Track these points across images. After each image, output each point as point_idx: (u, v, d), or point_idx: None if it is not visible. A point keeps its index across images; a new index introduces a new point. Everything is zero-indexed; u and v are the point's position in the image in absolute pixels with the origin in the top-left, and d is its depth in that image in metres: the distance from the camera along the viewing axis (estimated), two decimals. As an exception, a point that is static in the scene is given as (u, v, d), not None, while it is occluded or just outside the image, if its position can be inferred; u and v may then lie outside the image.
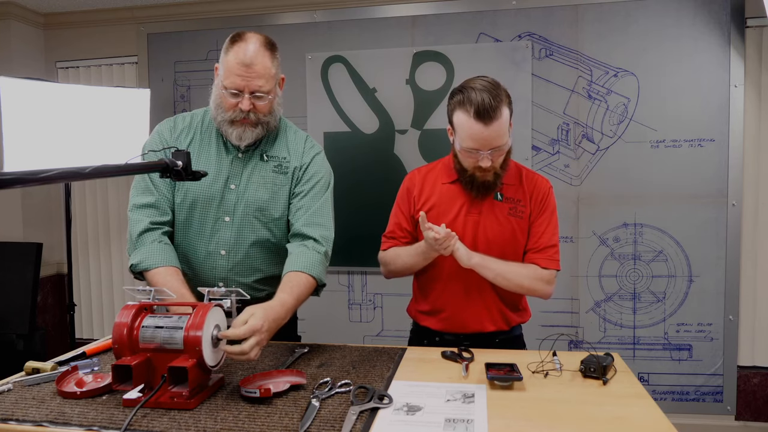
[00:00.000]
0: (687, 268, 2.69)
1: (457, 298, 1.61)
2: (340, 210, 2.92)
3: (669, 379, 2.73)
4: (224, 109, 1.51)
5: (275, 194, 1.59)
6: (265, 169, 1.59)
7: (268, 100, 1.51)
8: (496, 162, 1.51)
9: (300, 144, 1.64)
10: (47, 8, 3.12)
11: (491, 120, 1.43)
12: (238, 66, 1.46)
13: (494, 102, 1.42)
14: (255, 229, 1.59)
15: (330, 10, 2.90)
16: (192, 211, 1.57)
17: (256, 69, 1.46)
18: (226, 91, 1.49)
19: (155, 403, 1.12)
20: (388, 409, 1.12)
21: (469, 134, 1.46)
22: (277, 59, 1.53)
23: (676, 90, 2.64)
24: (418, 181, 1.68)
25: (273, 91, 1.52)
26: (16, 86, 2.44)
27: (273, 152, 1.61)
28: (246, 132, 1.52)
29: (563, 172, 2.75)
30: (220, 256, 1.59)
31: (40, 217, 3.20)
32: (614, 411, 1.12)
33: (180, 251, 1.60)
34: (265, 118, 1.53)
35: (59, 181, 0.99)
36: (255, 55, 1.46)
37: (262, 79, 1.47)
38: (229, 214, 1.57)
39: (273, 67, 1.50)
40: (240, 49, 1.46)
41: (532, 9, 2.72)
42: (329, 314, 2.98)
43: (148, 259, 1.48)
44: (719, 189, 2.64)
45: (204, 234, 1.58)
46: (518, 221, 1.59)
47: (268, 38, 1.52)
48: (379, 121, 2.88)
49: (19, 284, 2.82)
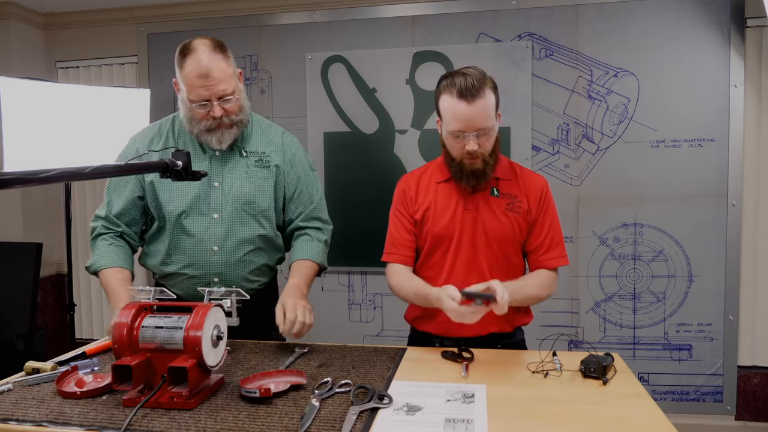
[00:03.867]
0: (687, 268, 2.69)
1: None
2: (340, 210, 2.93)
3: (669, 379, 2.73)
4: (197, 121, 1.55)
5: (260, 187, 1.64)
6: (247, 164, 1.64)
7: (235, 100, 1.54)
8: (484, 147, 1.50)
9: (277, 139, 1.70)
10: (47, 8, 3.12)
11: (474, 98, 1.43)
12: (198, 78, 1.48)
13: (477, 83, 1.44)
14: (245, 222, 1.63)
15: (330, 10, 2.90)
16: (182, 213, 1.61)
17: (215, 76, 1.48)
18: (193, 104, 1.52)
19: (155, 403, 1.12)
20: (388, 409, 1.12)
21: (454, 114, 1.47)
22: (230, 56, 1.55)
23: (676, 90, 2.64)
24: (412, 183, 1.67)
25: (236, 89, 1.55)
26: (16, 86, 2.44)
27: (251, 148, 1.66)
28: (224, 135, 1.57)
29: (563, 172, 2.75)
30: (213, 253, 1.62)
31: (40, 217, 3.20)
32: (614, 411, 1.12)
33: (173, 253, 1.64)
34: (237, 117, 1.57)
35: (59, 181, 0.99)
36: (210, 63, 1.48)
37: (224, 83, 1.50)
38: (218, 211, 1.61)
39: (229, 67, 1.53)
40: (193, 62, 1.48)
41: (532, 9, 2.72)
42: (329, 314, 2.98)
43: (98, 260, 1.59)
44: (719, 189, 2.64)
45: (195, 233, 1.61)
46: (516, 216, 1.58)
47: (215, 40, 1.54)
48: (379, 121, 2.88)
49: (19, 284, 2.82)
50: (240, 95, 1.57)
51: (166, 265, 1.65)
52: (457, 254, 1.58)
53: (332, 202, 2.92)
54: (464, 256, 1.58)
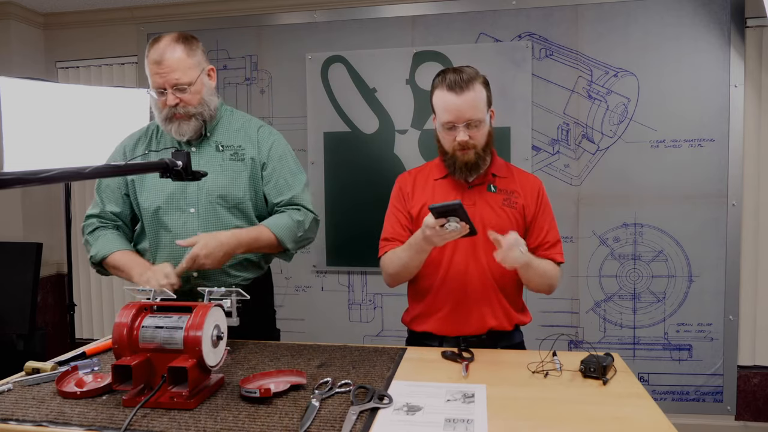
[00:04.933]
0: (687, 268, 2.69)
1: (455, 294, 1.59)
2: (340, 210, 2.94)
3: (669, 379, 2.73)
4: (159, 110, 1.58)
5: (233, 179, 1.64)
6: (222, 157, 1.65)
7: (191, 92, 1.55)
8: (475, 139, 1.53)
9: (253, 133, 1.69)
10: (47, 8, 3.12)
11: (462, 90, 1.49)
12: (152, 65, 1.53)
13: (466, 77, 1.51)
14: (220, 216, 1.63)
15: (330, 10, 2.90)
16: (159, 209, 1.62)
17: (168, 63, 1.51)
18: (153, 92, 1.56)
19: (155, 403, 1.12)
20: (388, 409, 1.12)
21: (444, 107, 1.53)
22: (196, 50, 1.57)
23: (676, 90, 2.64)
24: (409, 180, 1.70)
25: (197, 82, 1.56)
26: (16, 86, 2.44)
27: (228, 141, 1.67)
28: (182, 126, 1.58)
29: (563, 172, 2.75)
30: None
31: (40, 217, 3.20)
32: (614, 411, 1.12)
33: (153, 248, 1.65)
34: (195, 109, 1.57)
35: (59, 181, 0.99)
36: (164, 51, 1.52)
37: (178, 71, 1.52)
38: (194, 206, 1.62)
39: (189, 58, 1.54)
40: (152, 50, 1.54)
41: (532, 9, 2.72)
42: (329, 314, 2.98)
43: (102, 247, 1.61)
44: (719, 189, 2.64)
45: (172, 229, 1.62)
46: (512, 211, 1.61)
47: (182, 34, 1.57)
48: (379, 121, 2.88)
49: (19, 284, 2.82)
50: (201, 88, 1.58)
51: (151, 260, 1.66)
52: (455, 248, 1.59)
53: (332, 202, 2.93)
54: (463, 251, 1.59)
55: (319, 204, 2.95)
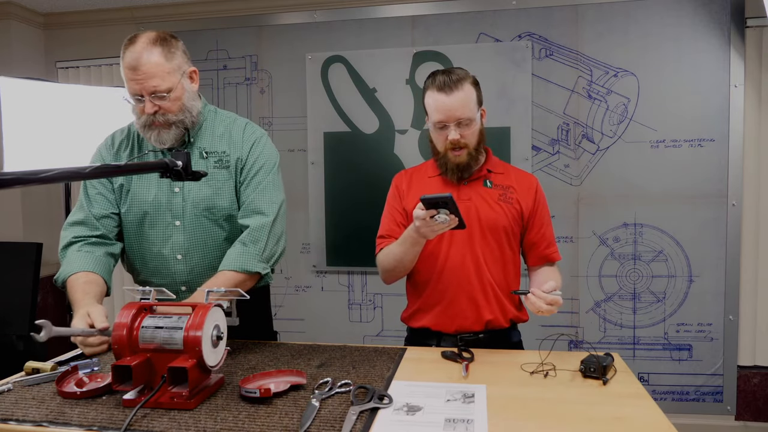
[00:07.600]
0: (687, 268, 2.69)
1: (452, 287, 1.60)
2: (340, 210, 2.93)
3: (669, 379, 2.73)
4: (138, 116, 1.48)
5: (219, 190, 1.55)
6: (206, 165, 1.55)
7: (171, 99, 1.44)
8: (466, 138, 1.56)
9: (239, 134, 1.58)
10: (47, 8, 3.12)
11: (452, 90, 1.52)
12: (128, 71, 1.41)
13: (455, 77, 1.54)
14: (206, 229, 1.55)
15: (330, 10, 2.90)
16: (143, 221, 1.55)
17: (145, 69, 1.39)
18: (130, 98, 1.45)
19: (155, 403, 1.12)
20: (388, 409, 1.12)
21: (435, 107, 1.55)
22: (175, 52, 1.45)
23: (676, 90, 2.64)
24: (405, 178, 1.73)
25: (177, 87, 1.45)
26: (16, 86, 2.44)
27: (212, 147, 1.56)
28: (162, 135, 1.47)
29: (563, 172, 2.75)
30: (177, 261, 1.56)
31: (40, 217, 3.20)
32: (614, 411, 1.12)
33: (137, 261, 1.59)
34: (176, 117, 1.47)
35: (59, 181, 0.99)
36: (140, 56, 1.39)
37: (156, 78, 1.40)
38: (179, 218, 1.54)
39: (167, 63, 1.42)
40: (127, 53, 1.41)
41: (532, 9, 2.72)
42: (329, 314, 2.98)
43: (65, 270, 1.48)
44: (719, 189, 2.64)
45: (157, 241, 1.55)
46: (509, 207, 1.62)
47: (160, 34, 1.45)
48: (379, 121, 2.88)
49: (19, 284, 2.82)
50: (182, 94, 1.47)
51: (137, 274, 1.62)
52: (451, 243, 1.60)
53: (332, 202, 2.93)
54: (459, 244, 1.60)
55: (319, 204, 2.95)
